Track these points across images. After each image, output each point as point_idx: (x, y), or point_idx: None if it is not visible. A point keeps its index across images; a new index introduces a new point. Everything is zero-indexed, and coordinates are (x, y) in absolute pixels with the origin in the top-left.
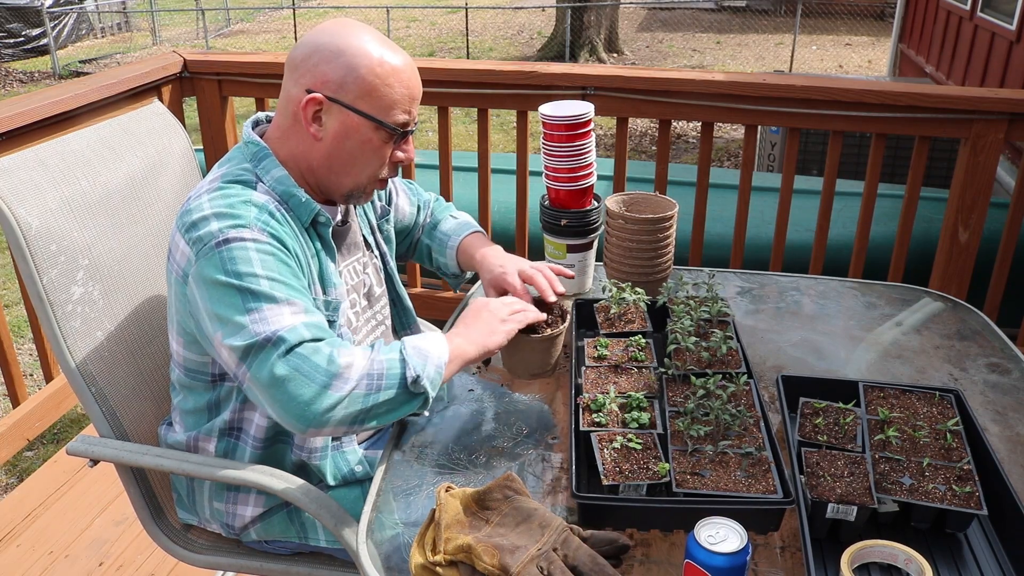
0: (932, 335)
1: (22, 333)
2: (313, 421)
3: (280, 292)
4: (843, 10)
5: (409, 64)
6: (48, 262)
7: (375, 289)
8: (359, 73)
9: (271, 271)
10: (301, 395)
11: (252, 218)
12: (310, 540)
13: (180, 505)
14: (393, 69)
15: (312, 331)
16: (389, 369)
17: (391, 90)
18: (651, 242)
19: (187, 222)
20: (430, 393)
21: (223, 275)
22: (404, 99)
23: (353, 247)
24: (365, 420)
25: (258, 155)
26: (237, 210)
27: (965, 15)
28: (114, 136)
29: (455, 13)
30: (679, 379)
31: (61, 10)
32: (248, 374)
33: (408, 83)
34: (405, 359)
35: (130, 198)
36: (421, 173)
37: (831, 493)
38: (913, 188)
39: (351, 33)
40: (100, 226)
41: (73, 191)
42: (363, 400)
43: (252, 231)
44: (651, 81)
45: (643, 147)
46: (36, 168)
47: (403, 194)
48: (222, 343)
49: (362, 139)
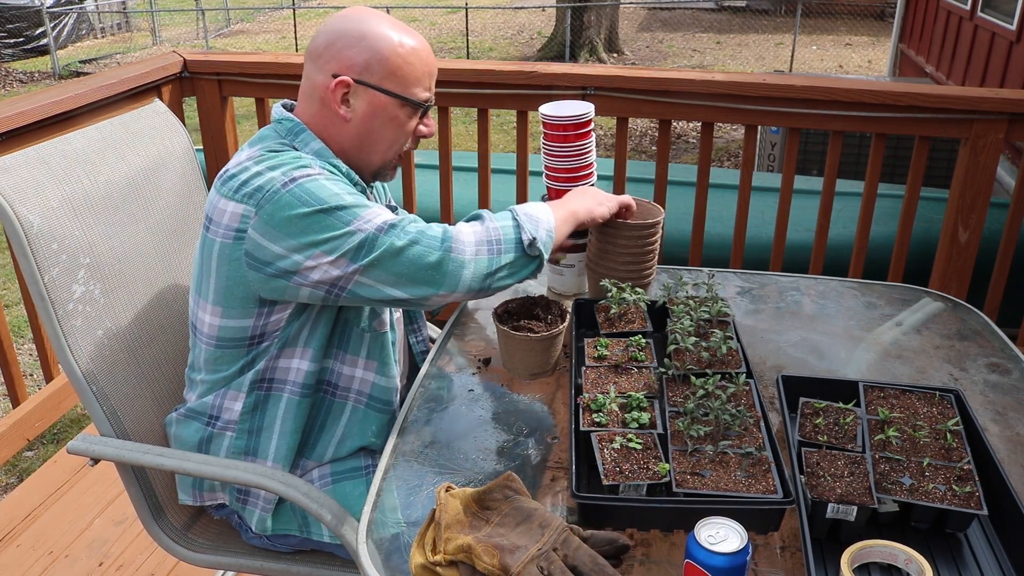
0: (932, 335)
1: (22, 333)
2: (442, 283)
3: (368, 202)
4: (843, 10)
5: (424, 44)
6: (49, 261)
7: None
8: (383, 55)
9: (350, 191)
10: (426, 259)
11: (310, 162)
12: (312, 535)
13: (183, 488)
14: (413, 49)
15: (416, 219)
16: (505, 234)
17: (413, 68)
18: (634, 248)
19: (234, 185)
20: (545, 256)
21: (304, 207)
22: (425, 76)
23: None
24: (490, 283)
25: (294, 130)
26: (293, 161)
27: (965, 15)
28: (115, 135)
29: (455, 13)
30: (679, 379)
31: (61, 10)
32: (360, 267)
33: (427, 60)
34: (520, 224)
35: (131, 197)
36: (421, 173)
37: (831, 493)
38: (913, 188)
39: (369, 19)
40: (101, 225)
41: (74, 190)
42: (487, 263)
43: (315, 170)
44: (651, 81)
45: (643, 147)
46: (37, 167)
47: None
48: (322, 262)
49: (389, 116)
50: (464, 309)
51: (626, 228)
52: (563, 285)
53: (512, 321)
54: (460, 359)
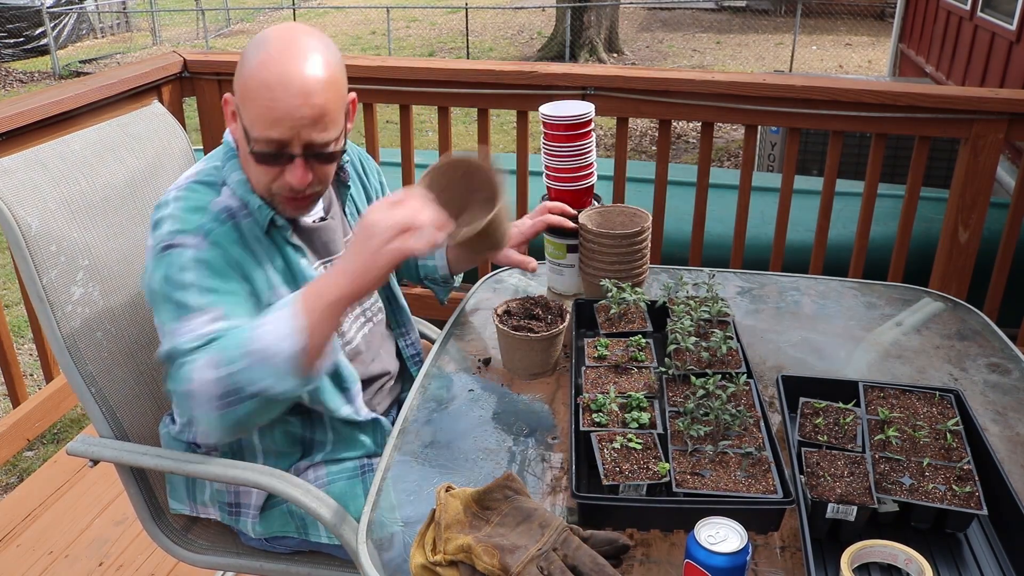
0: (932, 335)
1: (22, 333)
2: (206, 437)
3: (205, 300)
4: (843, 10)
5: (288, 81)
6: (48, 263)
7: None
8: (243, 77)
9: (203, 279)
10: (184, 414)
11: (198, 225)
12: (311, 536)
13: (174, 496)
14: (264, 80)
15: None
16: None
17: (255, 104)
18: (623, 255)
19: (154, 219)
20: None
21: (160, 282)
22: (266, 119)
23: (331, 244)
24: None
25: (227, 155)
26: (187, 216)
27: (965, 15)
28: (114, 137)
29: (455, 13)
30: (679, 379)
31: (61, 10)
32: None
33: (273, 99)
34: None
35: (130, 198)
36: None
37: (831, 493)
38: (913, 188)
39: (276, 35)
40: (100, 227)
41: (73, 192)
42: (223, 417)
43: (195, 238)
44: (651, 81)
45: (643, 147)
46: (36, 169)
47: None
48: (161, 335)
49: (243, 148)
50: (464, 309)
51: (609, 237)
52: (563, 285)
53: (512, 321)
54: (460, 359)
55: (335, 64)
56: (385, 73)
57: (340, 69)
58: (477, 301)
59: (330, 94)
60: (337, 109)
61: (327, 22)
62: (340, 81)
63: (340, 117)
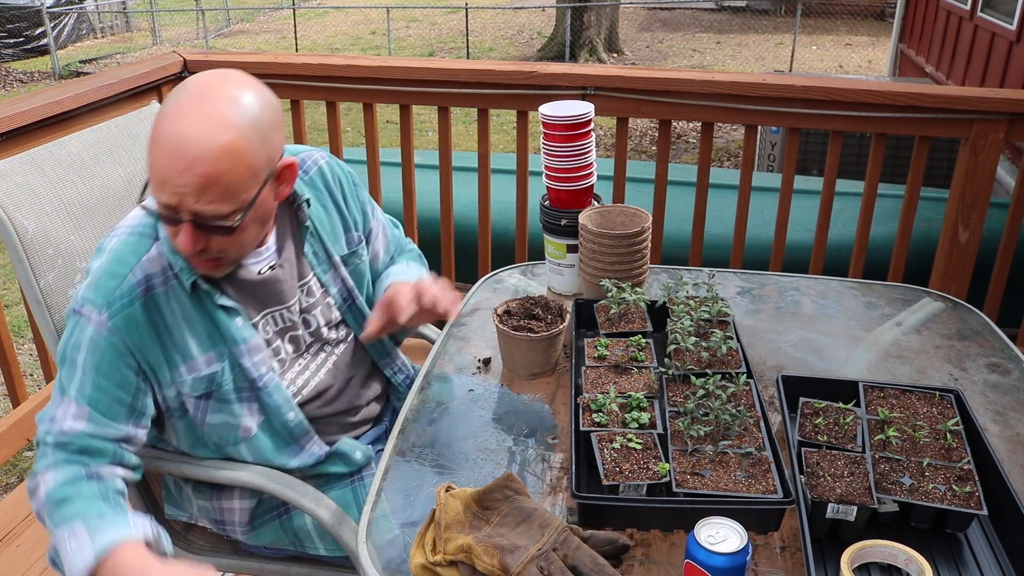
0: (932, 335)
1: (22, 333)
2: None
3: (81, 393)
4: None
5: (177, 144)
6: (45, 265)
7: (323, 331)
8: (154, 122)
9: (88, 369)
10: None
11: (106, 299)
12: (307, 550)
13: (169, 501)
14: (157, 135)
15: (71, 440)
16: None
17: (149, 155)
18: (623, 255)
19: (87, 268)
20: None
21: (62, 345)
22: (152, 174)
23: (280, 295)
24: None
25: None
26: (103, 283)
27: (965, 15)
28: (112, 137)
29: (455, 13)
30: (679, 379)
31: (61, 10)
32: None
33: (158, 158)
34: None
35: (128, 199)
36: (421, 173)
37: (831, 493)
38: (913, 188)
39: (196, 85)
40: (97, 228)
41: (70, 194)
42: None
43: (99, 314)
44: (651, 81)
45: (643, 147)
46: (32, 172)
47: (383, 238)
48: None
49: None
50: (464, 309)
51: (609, 237)
52: (563, 285)
53: (512, 321)
54: (460, 359)
55: (249, 129)
56: (385, 73)
57: (257, 134)
58: (477, 301)
59: (226, 164)
60: (237, 181)
61: (327, 22)
62: (249, 149)
63: (243, 189)
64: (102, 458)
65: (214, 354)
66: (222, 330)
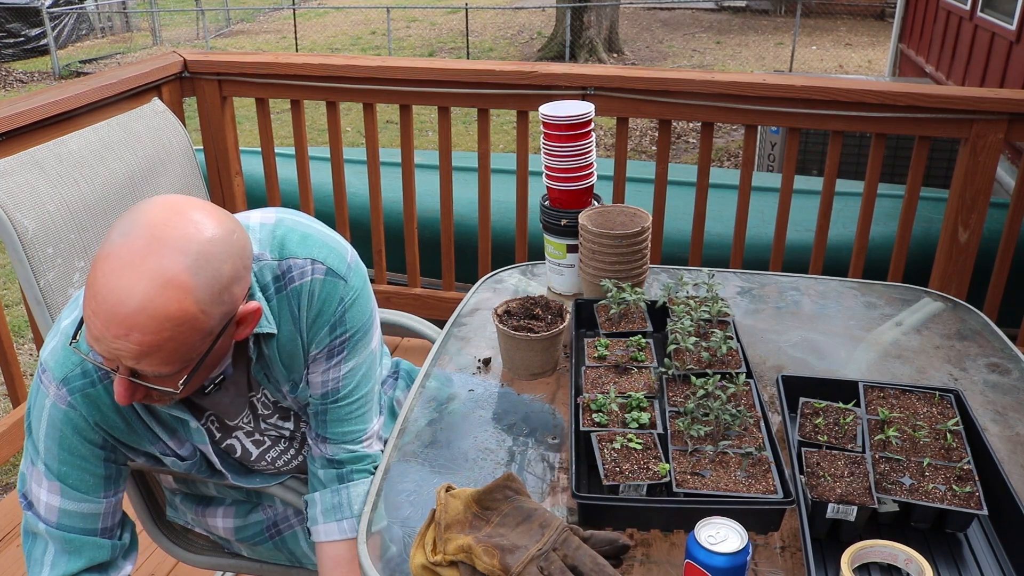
0: (932, 335)
1: (22, 333)
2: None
3: (48, 469)
4: (843, 10)
5: (113, 304)
6: (45, 265)
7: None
8: (95, 253)
9: (51, 444)
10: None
11: (65, 374)
12: (305, 565)
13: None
14: (93, 282)
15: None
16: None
17: (84, 298)
18: (623, 255)
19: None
20: None
21: (28, 408)
22: (89, 327)
23: (225, 412)
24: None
25: None
26: (67, 357)
27: (965, 15)
28: (113, 135)
29: (455, 13)
30: (679, 379)
31: (61, 10)
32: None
33: (93, 313)
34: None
35: (129, 197)
36: (421, 173)
37: (831, 493)
38: (913, 188)
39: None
40: (97, 228)
41: (70, 193)
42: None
43: (58, 389)
44: (651, 81)
45: (643, 147)
46: (32, 171)
47: (320, 373)
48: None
49: None
50: (464, 309)
51: (609, 237)
52: (563, 285)
53: (512, 321)
54: (460, 359)
55: (203, 291)
56: (385, 73)
57: (212, 295)
58: (477, 301)
59: (170, 333)
60: (185, 346)
61: (327, 22)
62: (201, 313)
63: (192, 350)
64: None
65: (175, 441)
66: (175, 424)
